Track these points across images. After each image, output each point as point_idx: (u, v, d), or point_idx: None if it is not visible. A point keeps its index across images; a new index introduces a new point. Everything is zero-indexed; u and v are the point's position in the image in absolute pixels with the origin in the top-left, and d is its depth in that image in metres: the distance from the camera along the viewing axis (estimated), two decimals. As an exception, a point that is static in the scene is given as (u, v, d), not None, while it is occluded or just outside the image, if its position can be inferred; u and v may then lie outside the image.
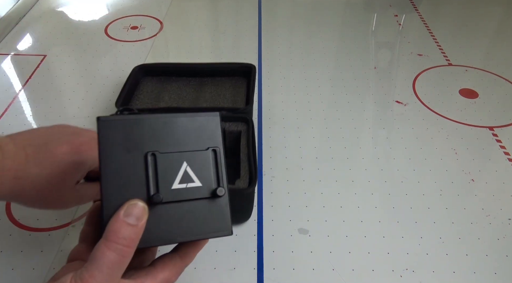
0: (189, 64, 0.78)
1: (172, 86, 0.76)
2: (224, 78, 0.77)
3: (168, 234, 0.30)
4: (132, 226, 0.27)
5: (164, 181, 0.29)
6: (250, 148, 0.59)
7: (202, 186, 0.31)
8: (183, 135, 0.31)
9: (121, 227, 0.27)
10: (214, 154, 0.32)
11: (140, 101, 0.72)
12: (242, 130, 0.63)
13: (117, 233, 0.27)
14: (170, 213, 0.30)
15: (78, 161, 0.39)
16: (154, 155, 0.29)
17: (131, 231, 0.27)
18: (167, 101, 0.72)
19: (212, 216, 0.31)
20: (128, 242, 0.27)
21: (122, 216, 0.27)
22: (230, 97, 0.73)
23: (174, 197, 0.30)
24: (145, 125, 0.30)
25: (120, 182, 0.29)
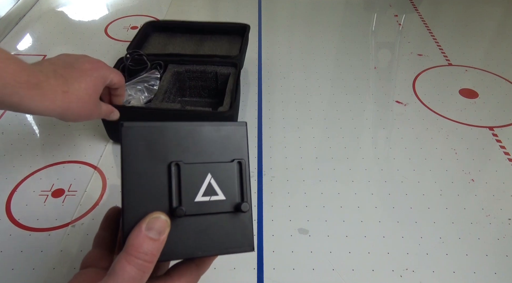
0: (192, 22, 0.90)
1: (177, 40, 0.88)
2: (222, 36, 0.89)
3: (189, 248, 0.29)
4: (154, 240, 0.27)
5: (187, 193, 0.29)
6: (234, 85, 0.70)
7: (226, 200, 0.30)
8: (208, 145, 0.30)
9: (142, 241, 0.26)
10: (239, 166, 0.31)
11: (148, 50, 0.84)
12: (231, 72, 0.75)
13: (138, 247, 0.26)
14: (192, 226, 0.29)
15: (100, 75, 0.49)
16: (178, 165, 0.28)
17: (153, 246, 0.27)
18: (171, 51, 0.84)
19: (234, 231, 0.30)
20: (150, 257, 0.26)
21: (144, 230, 0.27)
22: (226, 49, 0.85)
23: (197, 210, 0.29)
24: (169, 133, 0.29)
25: (142, 191, 0.28)
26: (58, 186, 0.63)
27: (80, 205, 0.60)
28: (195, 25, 0.90)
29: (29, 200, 0.60)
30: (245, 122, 0.32)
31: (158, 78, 0.71)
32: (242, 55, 0.81)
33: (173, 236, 0.28)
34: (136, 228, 0.27)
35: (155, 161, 0.28)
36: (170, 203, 0.28)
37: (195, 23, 0.91)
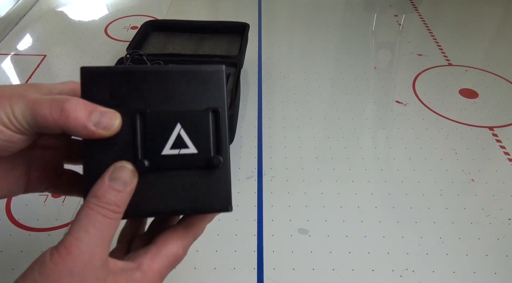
0: (191, 22, 0.91)
1: (176, 39, 0.89)
2: (222, 35, 0.89)
3: (158, 205, 0.26)
4: (119, 191, 0.24)
5: (154, 145, 0.26)
6: (234, 85, 0.70)
7: (198, 153, 0.26)
8: (179, 92, 0.26)
9: (105, 192, 0.24)
10: (215, 116, 0.27)
11: (148, 50, 0.84)
12: (231, 72, 0.75)
13: (101, 197, 0.24)
14: (160, 182, 0.26)
15: None
16: (143, 114, 0.26)
17: (117, 197, 0.24)
18: (171, 51, 0.84)
19: (208, 188, 0.27)
20: (114, 208, 0.24)
21: (107, 180, 0.24)
22: (226, 49, 0.85)
23: (164, 164, 0.26)
24: (135, 78, 0.26)
25: (105, 144, 0.25)
26: (58, 186, 0.63)
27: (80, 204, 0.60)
28: (195, 24, 0.91)
29: (29, 200, 0.60)
30: (223, 66, 0.28)
31: None
32: (242, 55, 0.82)
33: (140, 192, 0.25)
34: (100, 179, 0.24)
35: (118, 109, 0.25)
36: (135, 155, 0.25)
37: (194, 22, 0.91)
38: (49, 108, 0.23)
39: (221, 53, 0.83)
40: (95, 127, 0.24)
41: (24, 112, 0.23)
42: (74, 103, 0.24)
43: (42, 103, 0.23)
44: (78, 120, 0.24)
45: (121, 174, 0.25)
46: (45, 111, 0.23)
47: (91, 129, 0.24)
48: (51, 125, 0.23)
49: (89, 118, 0.24)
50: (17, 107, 0.23)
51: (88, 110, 0.24)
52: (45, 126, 0.24)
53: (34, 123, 0.24)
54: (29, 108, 0.23)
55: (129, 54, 0.75)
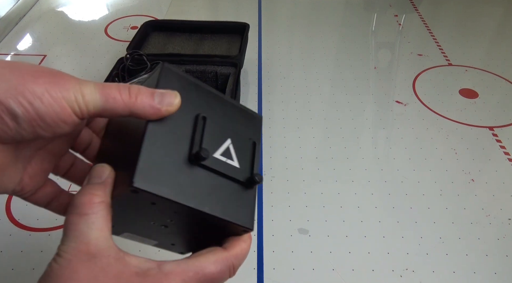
0: (191, 22, 0.91)
1: (176, 39, 0.89)
2: (222, 35, 0.89)
3: (195, 200, 0.27)
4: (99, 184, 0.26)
5: (209, 146, 0.28)
6: (234, 85, 0.71)
7: (240, 168, 0.29)
8: (231, 116, 0.30)
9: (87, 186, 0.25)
10: (254, 146, 0.31)
11: (148, 50, 0.85)
12: (231, 72, 0.75)
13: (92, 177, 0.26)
14: (205, 180, 0.28)
15: None
16: (205, 119, 0.28)
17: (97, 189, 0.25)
18: (171, 51, 0.85)
19: (239, 203, 0.29)
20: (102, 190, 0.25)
21: (86, 181, 0.26)
22: (226, 49, 0.85)
23: (214, 165, 0.28)
24: (200, 90, 0.29)
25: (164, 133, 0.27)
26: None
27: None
28: (195, 24, 0.91)
29: (29, 200, 0.60)
30: (261, 116, 0.33)
31: None
32: (242, 55, 0.82)
33: (187, 183, 0.27)
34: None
35: (183, 109, 0.28)
36: (191, 148, 0.28)
37: (194, 22, 0.91)
38: (118, 91, 0.24)
39: (221, 53, 0.83)
40: (160, 105, 0.25)
41: (94, 94, 0.24)
42: (137, 87, 0.25)
43: (111, 87, 0.24)
44: (144, 100, 0.25)
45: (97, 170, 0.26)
46: (116, 94, 0.24)
47: (157, 106, 0.25)
48: (120, 107, 0.24)
49: (152, 98, 0.25)
50: (87, 88, 0.24)
51: (150, 92, 0.25)
52: (113, 108, 0.24)
53: (102, 106, 0.24)
54: (100, 90, 0.24)
55: (129, 54, 0.75)
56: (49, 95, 0.22)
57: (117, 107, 0.24)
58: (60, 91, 0.23)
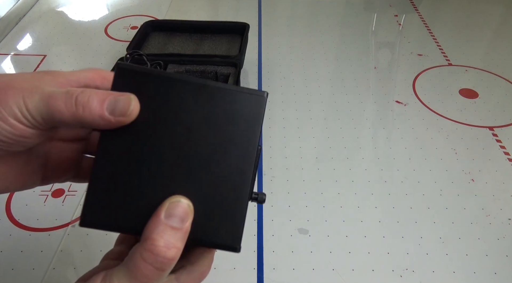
0: (191, 22, 0.91)
1: (176, 39, 0.89)
2: (222, 35, 0.90)
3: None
4: (176, 229, 0.22)
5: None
6: (234, 84, 0.72)
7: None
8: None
9: (162, 232, 0.22)
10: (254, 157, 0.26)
11: (148, 50, 0.85)
12: (231, 72, 0.75)
13: (156, 240, 0.22)
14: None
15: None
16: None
17: (175, 237, 0.22)
18: (171, 51, 0.85)
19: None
20: (171, 253, 0.22)
21: (163, 218, 0.22)
22: (226, 49, 0.85)
23: None
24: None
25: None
26: (58, 185, 0.63)
27: (80, 204, 0.60)
28: (195, 24, 0.91)
29: (29, 200, 0.60)
30: (265, 92, 0.25)
31: None
32: (242, 55, 0.82)
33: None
34: (154, 217, 0.23)
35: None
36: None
37: (194, 22, 0.91)
38: (63, 102, 0.22)
39: (221, 53, 0.83)
40: (112, 115, 0.22)
41: (39, 106, 0.22)
42: (87, 94, 0.22)
43: (57, 97, 0.22)
44: (93, 111, 0.22)
45: (176, 210, 0.23)
46: (60, 105, 0.22)
47: (107, 117, 0.22)
48: (68, 119, 0.22)
49: (102, 106, 0.22)
50: (30, 100, 0.22)
51: (101, 98, 0.22)
52: (61, 121, 0.22)
53: (49, 118, 0.22)
54: (44, 101, 0.22)
55: (129, 54, 0.75)
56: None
57: (64, 118, 0.22)
58: (4, 108, 0.21)
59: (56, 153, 0.28)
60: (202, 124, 0.25)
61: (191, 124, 0.24)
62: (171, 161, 0.24)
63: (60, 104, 0.22)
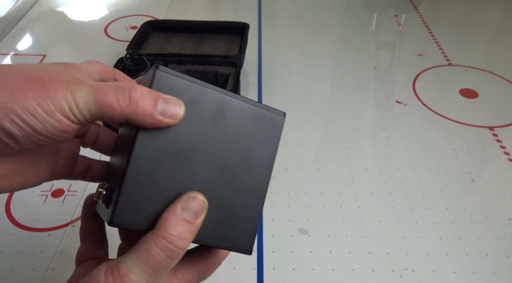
0: (191, 22, 0.91)
1: (176, 39, 0.89)
2: (222, 35, 0.90)
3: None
4: (189, 223, 0.24)
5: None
6: (234, 85, 0.72)
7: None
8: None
9: (176, 223, 0.23)
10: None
11: (148, 50, 0.85)
12: (231, 72, 0.76)
13: (170, 229, 0.23)
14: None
15: None
16: None
17: (187, 229, 0.23)
18: (171, 51, 0.85)
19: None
20: (182, 243, 0.23)
21: (179, 210, 0.24)
22: (225, 49, 0.86)
23: None
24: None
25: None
26: (58, 186, 0.63)
27: (80, 205, 0.60)
28: (195, 24, 0.91)
29: (29, 200, 0.60)
30: (284, 112, 0.28)
31: None
32: (242, 55, 0.82)
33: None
34: (171, 208, 0.24)
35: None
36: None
37: (194, 22, 0.91)
38: (115, 96, 0.21)
39: (221, 53, 0.83)
40: (162, 116, 0.23)
41: (88, 101, 0.21)
42: (140, 91, 0.22)
43: (108, 91, 0.21)
44: (145, 109, 0.22)
45: (192, 204, 0.24)
46: (112, 100, 0.21)
47: (158, 118, 0.23)
48: (117, 114, 0.22)
49: (155, 105, 0.22)
50: (79, 95, 0.21)
51: (154, 97, 0.22)
52: (110, 116, 0.22)
53: (98, 113, 0.22)
54: (94, 96, 0.21)
55: (129, 54, 0.75)
56: (42, 110, 0.20)
57: (114, 114, 0.22)
58: (52, 102, 0.21)
59: (67, 148, 0.28)
60: (227, 134, 0.26)
61: (218, 133, 0.26)
62: (199, 166, 0.25)
63: (111, 98, 0.21)
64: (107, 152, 0.32)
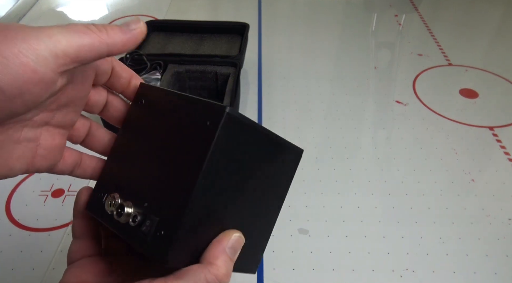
0: (191, 22, 0.91)
1: (176, 40, 0.89)
2: (222, 35, 0.89)
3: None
4: (231, 260, 0.24)
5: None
6: (234, 85, 0.72)
7: None
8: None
9: (225, 261, 0.24)
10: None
11: (148, 50, 0.85)
12: (231, 72, 0.76)
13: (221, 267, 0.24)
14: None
15: None
16: None
17: (231, 266, 0.24)
18: (171, 51, 0.85)
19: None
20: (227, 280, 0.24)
21: (227, 248, 0.24)
22: (225, 49, 0.85)
23: None
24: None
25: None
26: (58, 186, 0.63)
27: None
28: (195, 24, 0.91)
29: (29, 200, 0.60)
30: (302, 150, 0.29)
31: (158, 79, 0.71)
32: (242, 55, 0.82)
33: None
34: (219, 246, 0.24)
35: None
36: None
37: (194, 22, 0.91)
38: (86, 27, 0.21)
39: (221, 53, 0.83)
40: (128, 29, 0.23)
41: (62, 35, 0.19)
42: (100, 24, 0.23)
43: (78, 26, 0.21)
44: (114, 29, 0.22)
45: (236, 244, 0.25)
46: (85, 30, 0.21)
47: (126, 30, 0.23)
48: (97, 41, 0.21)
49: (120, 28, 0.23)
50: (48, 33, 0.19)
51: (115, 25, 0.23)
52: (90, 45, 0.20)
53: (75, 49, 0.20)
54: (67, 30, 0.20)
55: (129, 54, 0.75)
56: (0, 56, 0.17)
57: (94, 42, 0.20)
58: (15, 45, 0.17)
59: (48, 139, 0.26)
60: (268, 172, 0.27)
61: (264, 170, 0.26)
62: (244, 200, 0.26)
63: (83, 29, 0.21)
64: (101, 151, 0.30)
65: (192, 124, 0.22)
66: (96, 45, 0.21)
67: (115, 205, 0.24)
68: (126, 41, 0.23)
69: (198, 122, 0.22)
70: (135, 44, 0.23)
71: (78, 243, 0.29)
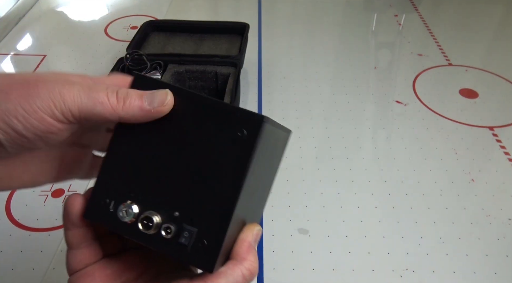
0: (191, 22, 0.91)
1: (176, 40, 0.89)
2: (222, 35, 0.90)
3: None
4: (256, 252, 0.26)
5: None
6: (234, 85, 0.72)
7: None
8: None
9: (253, 255, 0.25)
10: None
11: (148, 50, 0.85)
12: (231, 72, 0.75)
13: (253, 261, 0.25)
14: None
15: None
16: None
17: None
18: (171, 51, 0.85)
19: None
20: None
21: (252, 242, 0.26)
22: (225, 49, 0.85)
23: None
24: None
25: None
26: (58, 186, 0.63)
27: (80, 205, 0.60)
28: (195, 24, 0.91)
29: (29, 200, 0.60)
30: (291, 131, 0.28)
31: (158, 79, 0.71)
32: (242, 55, 0.82)
33: None
34: (245, 241, 0.26)
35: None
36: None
37: (194, 22, 0.91)
38: (105, 94, 0.22)
39: (221, 53, 0.83)
40: (150, 106, 0.23)
41: (79, 98, 0.21)
42: (125, 90, 0.23)
43: (99, 90, 0.22)
44: (133, 103, 0.23)
45: (258, 237, 0.26)
46: (104, 98, 0.22)
47: (147, 108, 0.23)
48: (108, 111, 0.22)
49: (141, 99, 0.23)
50: (68, 92, 0.21)
51: (139, 94, 0.23)
52: (101, 114, 0.22)
53: (88, 111, 0.22)
54: (86, 94, 0.22)
55: (129, 54, 0.75)
56: (23, 110, 0.20)
57: (106, 112, 0.22)
58: (34, 102, 0.20)
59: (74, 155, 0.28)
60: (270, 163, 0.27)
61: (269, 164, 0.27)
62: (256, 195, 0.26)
63: (103, 97, 0.22)
64: None
65: (223, 132, 0.22)
66: (106, 116, 0.22)
67: (132, 214, 0.23)
68: (140, 118, 0.23)
69: (231, 129, 0.22)
70: (150, 120, 0.24)
71: (78, 254, 0.28)
